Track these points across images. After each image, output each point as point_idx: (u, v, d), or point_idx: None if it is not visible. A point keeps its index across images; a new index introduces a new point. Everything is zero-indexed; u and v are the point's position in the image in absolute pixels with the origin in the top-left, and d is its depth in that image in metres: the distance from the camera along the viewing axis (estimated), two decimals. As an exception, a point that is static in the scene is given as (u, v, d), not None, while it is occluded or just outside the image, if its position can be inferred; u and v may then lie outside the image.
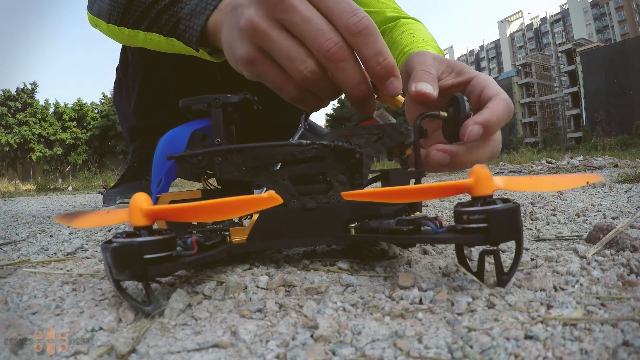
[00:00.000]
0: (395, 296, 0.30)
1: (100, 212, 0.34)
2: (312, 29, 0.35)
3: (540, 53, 37.17)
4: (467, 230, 0.29)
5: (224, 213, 0.28)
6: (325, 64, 0.36)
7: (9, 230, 0.79)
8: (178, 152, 0.39)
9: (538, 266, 0.36)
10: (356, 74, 0.36)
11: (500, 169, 3.25)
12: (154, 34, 0.50)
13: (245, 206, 0.28)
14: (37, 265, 0.44)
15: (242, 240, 0.38)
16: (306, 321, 0.26)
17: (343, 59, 0.35)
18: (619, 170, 2.15)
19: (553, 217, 0.63)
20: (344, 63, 0.36)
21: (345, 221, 0.38)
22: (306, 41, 0.36)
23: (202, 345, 0.24)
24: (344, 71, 0.36)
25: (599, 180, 0.34)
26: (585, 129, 21.23)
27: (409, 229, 0.33)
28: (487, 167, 0.32)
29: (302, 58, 0.36)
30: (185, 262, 0.30)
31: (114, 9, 0.53)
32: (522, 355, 0.21)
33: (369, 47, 0.35)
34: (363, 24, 0.34)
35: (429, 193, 0.31)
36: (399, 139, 0.39)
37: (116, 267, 0.27)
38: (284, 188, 0.38)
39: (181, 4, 0.46)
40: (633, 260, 0.35)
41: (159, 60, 0.87)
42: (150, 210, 0.28)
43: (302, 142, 0.38)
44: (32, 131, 18.07)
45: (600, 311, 0.26)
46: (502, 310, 0.27)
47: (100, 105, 20.14)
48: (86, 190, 3.64)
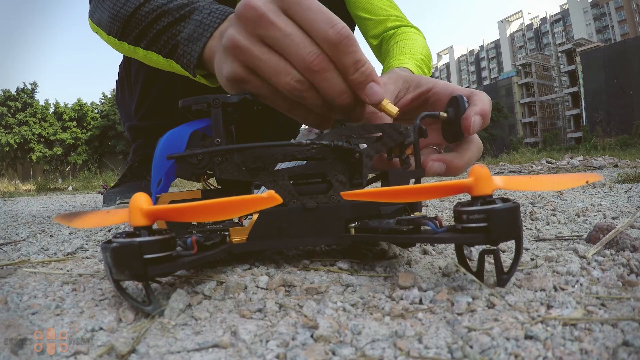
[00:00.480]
0: (395, 296, 0.30)
1: (100, 212, 0.34)
2: (293, 43, 0.36)
3: (540, 53, 37.19)
4: (467, 230, 0.29)
5: (224, 213, 0.28)
6: (308, 76, 0.37)
7: (9, 230, 0.79)
8: (178, 152, 0.38)
9: (538, 266, 0.36)
10: (338, 83, 0.37)
11: (500, 169, 3.25)
12: (153, 53, 0.51)
13: (245, 206, 0.28)
14: (37, 265, 0.44)
15: (242, 240, 0.38)
16: (306, 321, 0.26)
17: (324, 69, 0.36)
18: (619, 170, 2.15)
19: (553, 217, 0.63)
20: (326, 73, 0.36)
21: (345, 221, 0.38)
22: (288, 55, 0.36)
23: (202, 345, 0.24)
24: (326, 81, 0.37)
25: (599, 179, 0.34)
26: (585, 129, 21.23)
27: (409, 229, 0.33)
28: (486, 167, 0.32)
29: (286, 70, 0.37)
30: (185, 262, 0.30)
31: (114, 22, 0.53)
32: (522, 355, 0.21)
33: (347, 56, 0.36)
34: (342, 35, 0.35)
35: (429, 193, 0.31)
36: (399, 138, 0.39)
37: (116, 267, 0.27)
38: (283, 188, 0.38)
39: (179, 27, 0.47)
40: (633, 260, 0.35)
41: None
42: (150, 210, 0.28)
43: (301, 142, 0.38)
44: (32, 131, 18.08)
45: (600, 311, 0.26)
46: (502, 310, 0.27)
47: (100, 105, 20.14)
48: (86, 190, 3.64)
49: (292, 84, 0.37)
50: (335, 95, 0.37)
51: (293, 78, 0.37)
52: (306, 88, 0.37)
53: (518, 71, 35.75)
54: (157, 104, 0.93)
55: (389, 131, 0.39)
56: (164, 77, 0.89)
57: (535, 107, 34.76)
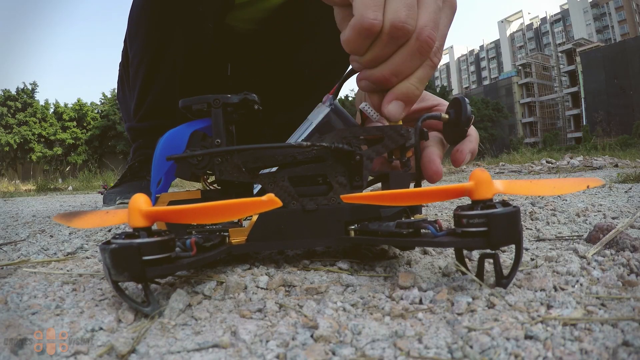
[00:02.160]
0: (395, 296, 0.30)
1: (99, 212, 0.34)
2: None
3: (540, 53, 37.18)
4: (467, 234, 0.29)
5: (223, 215, 0.28)
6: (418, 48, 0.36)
7: (9, 230, 0.79)
8: (178, 152, 0.38)
9: (538, 266, 0.36)
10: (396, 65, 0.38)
11: (500, 169, 3.25)
12: None
13: (244, 209, 0.28)
14: (37, 265, 0.44)
15: (241, 241, 0.38)
16: (306, 321, 0.26)
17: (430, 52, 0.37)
18: (619, 170, 2.15)
19: (553, 217, 0.63)
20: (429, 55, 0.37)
21: (344, 223, 0.38)
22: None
23: (202, 345, 0.24)
24: (400, 57, 0.37)
25: (600, 184, 0.33)
26: (585, 129, 21.22)
27: (409, 232, 0.33)
28: (487, 168, 0.32)
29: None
30: (184, 263, 0.29)
31: None
32: (522, 355, 0.21)
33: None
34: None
35: (429, 196, 0.31)
36: (400, 140, 0.39)
37: (115, 269, 0.27)
38: (283, 189, 0.38)
39: None
40: (633, 260, 0.35)
41: (160, 64, 0.87)
42: (149, 211, 0.28)
43: (302, 144, 0.38)
44: (32, 131, 18.06)
45: (600, 311, 0.26)
46: (502, 310, 0.27)
47: (100, 105, 20.12)
48: (86, 190, 3.64)
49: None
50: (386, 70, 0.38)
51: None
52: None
53: (518, 71, 35.73)
54: (156, 105, 0.93)
55: (390, 133, 0.39)
56: (163, 78, 0.89)
57: (535, 107, 34.75)
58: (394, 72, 0.38)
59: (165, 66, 0.88)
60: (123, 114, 1.09)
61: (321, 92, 0.51)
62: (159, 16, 0.84)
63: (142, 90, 0.92)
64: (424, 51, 0.37)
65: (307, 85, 1.04)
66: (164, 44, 0.86)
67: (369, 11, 0.35)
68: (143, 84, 0.91)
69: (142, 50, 0.88)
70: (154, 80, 0.90)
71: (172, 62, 0.88)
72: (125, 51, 0.96)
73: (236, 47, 1.01)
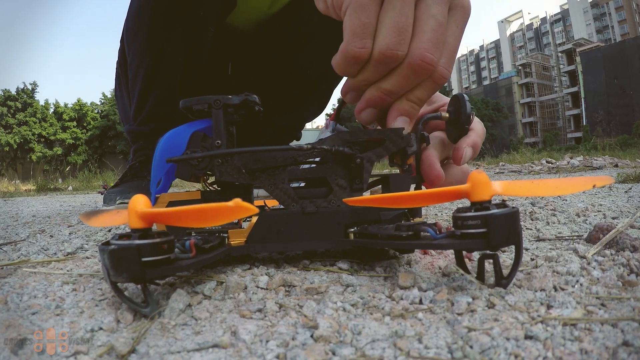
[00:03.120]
0: (395, 296, 0.30)
1: (111, 213, 0.36)
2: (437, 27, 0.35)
3: (540, 53, 37.17)
4: (466, 236, 0.29)
5: (204, 220, 0.28)
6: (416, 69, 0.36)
7: (9, 230, 0.79)
8: (178, 152, 0.38)
9: (538, 266, 0.36)
10: (394, 85, 0.38)
11: (500, 169, 3.25)
12: None
13: (217, 216, 0.27)
14: (37, 265, 0.44)
15: (240, 243, 0.38)
16: (306, 321, 0.26)
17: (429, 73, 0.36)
18: (619, 170, 2.15)
19: (553, 217, 0.63)
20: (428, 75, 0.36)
21: (344, 226, 0.38)
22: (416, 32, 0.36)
23: (202, 345, 0.24)
24: (397, 77, 0.37)
25: (610, 183, 0.31)
26: (585, 129, 21.21)
27: (408, 235, 0.33)
28: (486, 168, 0.32)
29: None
30: (182, 265, 0.29)
31: None
32: (522, 355, 0.21)
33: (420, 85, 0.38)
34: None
35: (428, 199, 0.31)
36: (401, 143, 0.39)
37: (114, 270, 0.27)
38: (283, 191, 0.38)
39: None
40: (633, 260, 0.35)
41: (160, 69, 0.87)
42: (145, 213, 0.28)
43: (302, 147, 0.37)
44: (32, 131, 18.06)
45: (600, 311, 0.26)
46: (502, 310, 0.27)
47: (100, 105, 20.11)
48: (86, 190, 3.64)
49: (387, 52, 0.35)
50: (385, 88, 0.37)
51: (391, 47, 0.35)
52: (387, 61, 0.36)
53: (518, 71, 35.73)
54: (156, 109, 0.92)
55: (391, 136, 0.39)
56: (162, 83, 0.89)
57: (535, 107, 34.75)
58: (386, 93, 0.38)
59: (165, 71, 0.87)
60: (120, 112, 1.09)
61: (321, 92, 0.51)
62: (158, 20, 0.83)
63: (141, 94, 0.91)
64: (419, 74, 0.36)
65: (308, 86, 1.04)
66: (164, 49, 0.85)
67: (357, 40, 0.35)
68: (142, 88, 0.91)
69: (141, 53, 0.87)
70: (154, 85, 0.89)
71: (171, 66, 0.87)
72: (122, 50, 0.96)
73: (237, 46, 1.01)
